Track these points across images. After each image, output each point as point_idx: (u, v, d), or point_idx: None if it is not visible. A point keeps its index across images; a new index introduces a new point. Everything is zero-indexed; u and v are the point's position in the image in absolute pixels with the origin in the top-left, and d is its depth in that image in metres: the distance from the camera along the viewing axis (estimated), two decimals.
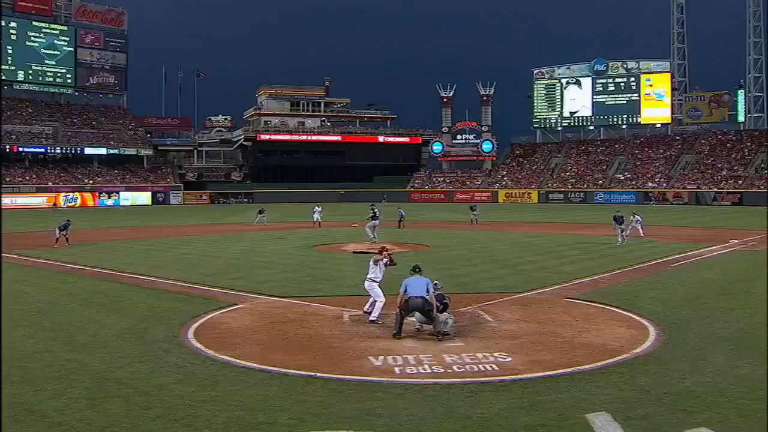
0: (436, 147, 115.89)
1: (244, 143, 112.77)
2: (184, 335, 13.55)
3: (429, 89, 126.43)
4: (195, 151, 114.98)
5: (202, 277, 21.77)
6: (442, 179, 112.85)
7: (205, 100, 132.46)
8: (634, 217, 36.46)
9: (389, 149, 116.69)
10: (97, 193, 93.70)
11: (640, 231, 36.23)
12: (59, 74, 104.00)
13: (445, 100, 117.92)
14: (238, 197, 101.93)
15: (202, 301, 17.47)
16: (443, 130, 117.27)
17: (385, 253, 16.09)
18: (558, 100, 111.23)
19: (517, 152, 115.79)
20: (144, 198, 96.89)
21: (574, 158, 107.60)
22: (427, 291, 13.45)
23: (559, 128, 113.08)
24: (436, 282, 14.26)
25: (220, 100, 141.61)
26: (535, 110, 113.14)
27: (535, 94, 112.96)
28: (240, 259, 27.13)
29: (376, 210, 37.56)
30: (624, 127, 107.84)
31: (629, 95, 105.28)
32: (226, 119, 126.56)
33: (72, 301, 17.62)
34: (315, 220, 47.76)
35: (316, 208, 49.74)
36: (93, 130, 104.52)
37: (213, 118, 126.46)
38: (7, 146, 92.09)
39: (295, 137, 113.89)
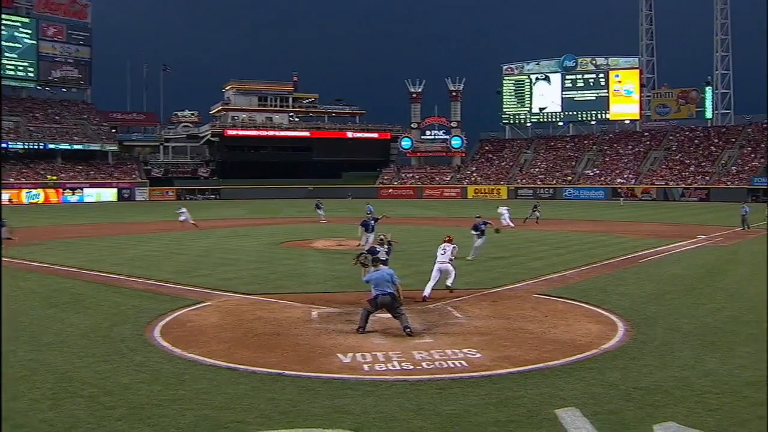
0: (405, 143, 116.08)
1: (211, 139, 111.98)
2: (150, 334, 13.42)
3: (398, 85, 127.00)
4: (161, 146, 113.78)
5: (168, 274, 21.60)
6: (410, 175, 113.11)
7: (171, 95, 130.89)
8: (500, 210, 41.61)
9: (358, 145, 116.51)
10: (60, 190, 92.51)
11: (509, 223, 40.54)
12: (21, 67, 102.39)
13: (414, 95, 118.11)
14: (205, 193, 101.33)
15: (168, 299, 17.33)
16: (412, 125, 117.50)
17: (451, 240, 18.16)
18: (527, 96, 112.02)
19: (487, 148, 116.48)
20: (109, 194, 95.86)
21: (543, 154, 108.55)
22: (393, 284, 13.55)
23: (528, 124, 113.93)
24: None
25: (187, 95, 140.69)
26: (504, 106, 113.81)
27: (504, 90, 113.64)
28: (206, 256, 26.94)
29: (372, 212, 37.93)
30: (593, 123, 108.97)
31: (598, 91, 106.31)
32: (192, 114, 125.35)
33: (34, 300, 17.35)
34: (320, 216, 48.80)
35: (320, 205, 50.56)
36: (56, 125, 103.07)
37: (179, 114, 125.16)
38: None
39: (263, 133, 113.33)
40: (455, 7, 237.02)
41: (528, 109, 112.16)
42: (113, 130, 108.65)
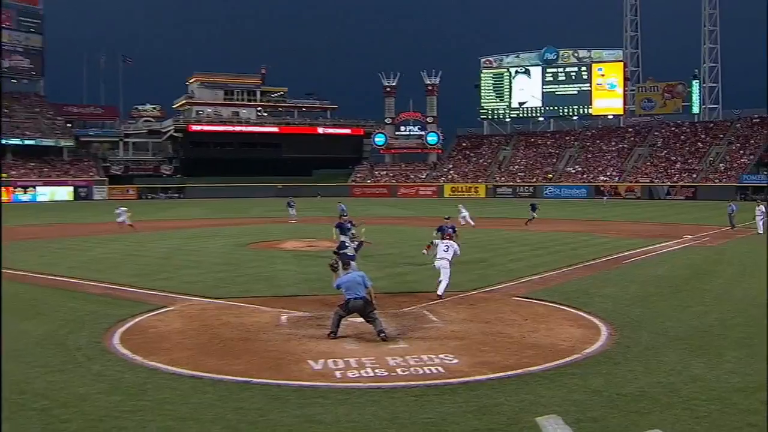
0: (379, 139, 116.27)
1: (175, 134, 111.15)
2: (109, 341, 13.30)
3: (371, 78, 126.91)
4: (121, 142, 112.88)
5: (128, 278, 21.42)
6: (384, 173, 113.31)
7: (131, 88, 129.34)
8: (459, 207, 42.75)
9: (329, 141, 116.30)
10: (11, 188, 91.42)
11: (469, 221, 41.61)
12: None
13: (388, 89, 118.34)
14: (168, 192, 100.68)
15: (128, 303, 17.17)
16: (386, 121, 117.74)
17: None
18: (506, 90, 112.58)
19: (464, 144, 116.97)
20: (64, 193, 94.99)
21: (522, 151, 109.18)
22: (365, 287, 13.57)
23: (508, 119, 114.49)
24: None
25: (148, 88, 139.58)
26: (482, 101, 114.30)
27: (482, 84, 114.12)
28: (168, 259, 26.77)
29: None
30: (575, 118, 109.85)
31: (580, 85, 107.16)
32: (154, 108, 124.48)
33: None
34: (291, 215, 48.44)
35: (292, 203, 49.95)
36: (5, 118, 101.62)
37: (140, 108, 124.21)
38: None
39: (229, 128, 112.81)
40: None
41: (507, 103, 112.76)
42: (69, 125, 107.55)
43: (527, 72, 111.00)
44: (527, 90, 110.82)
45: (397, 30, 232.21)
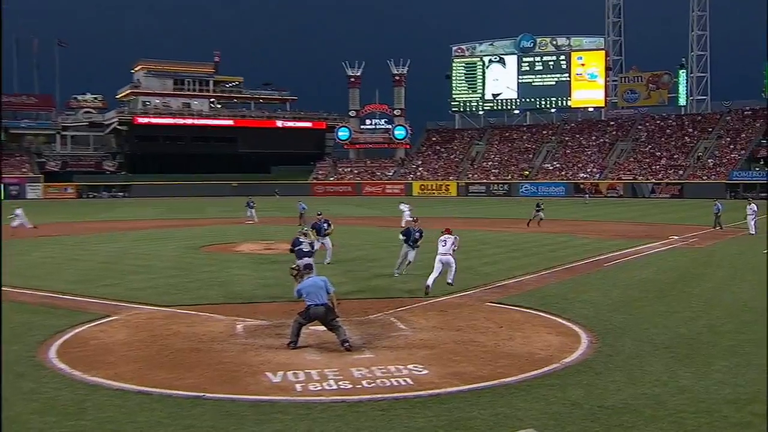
0: (343, 133, 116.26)
1: (119, 127, 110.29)
2: (45, 354, 13.14)
3: (334, 67, 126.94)
4: (58, 135, 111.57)
5: (67, 284, 21.19)
6: (348, 169, 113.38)
7: (69, 75, 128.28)
8: (402, 207, 43.25)
9: (289, 135, 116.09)
10: None
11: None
12: None
13: (352, 79, 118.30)
14: (111, 190, 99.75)
15: (66, 313, 16.97)
16: (350, 113, 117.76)
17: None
18: (479, 80, 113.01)
19: (434, 139, 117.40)
20: None
21: (497, 146, 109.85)
22: (327, 293, 13.57)
23: (481, 112, 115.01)
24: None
25: (88, 76, 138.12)
26: (453, 92, 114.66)
27: (454, 74, 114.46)
28: (113, 263, 26.50)
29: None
30: (553, 111, 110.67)
31: (559, 75, 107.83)
32: (96, 99, 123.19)
33: None
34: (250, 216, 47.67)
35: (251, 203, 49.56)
36: None
37: (80, 98, 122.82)
38: None
39: (180, 121, 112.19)
40: None
41: (480, 95, 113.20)
42: None
43: (502, 61, 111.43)
44: (502, 80, 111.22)
45: (362, 15, 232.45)
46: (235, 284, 21.29)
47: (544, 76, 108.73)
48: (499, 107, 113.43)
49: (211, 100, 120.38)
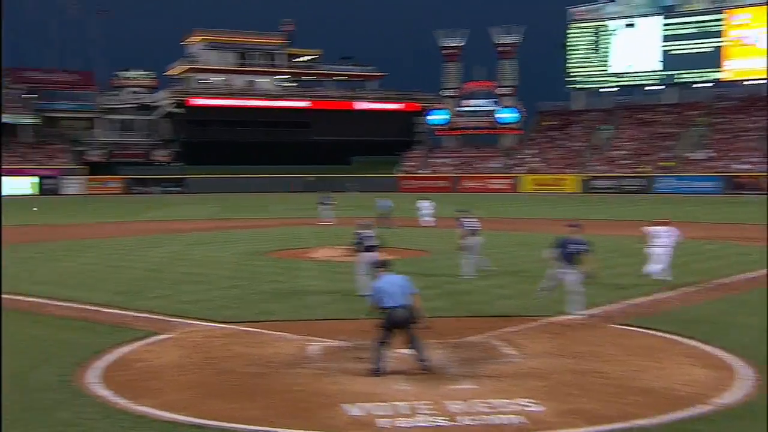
0: (436, 117, 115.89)
1: (172, 110, 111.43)
2: (84, 379, 13.39)
3: (427, 38, 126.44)
4: (100, 119, 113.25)
5: (110, 296, 21.67)
6: (443, 160, 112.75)
7: (113, 48, 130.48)
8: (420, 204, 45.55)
9: (372, 120, 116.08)
10: None
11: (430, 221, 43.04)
12: None
13: (449, 52, 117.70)
14: (163, 185, 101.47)
15: (108, 329, 17.36)
16: (446, 93, 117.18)
17: None
18: (605, 50, 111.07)
19: (549, 124, 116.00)
20: (26, 185, 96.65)
21: (628, 131, 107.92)
22: (409, 293, 13.45)
23: (608, 90, 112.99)
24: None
25: (136, 49, 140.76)
26: (571, 65, 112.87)
27: (571, 43, 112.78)
28: (163, 271, 27.04)
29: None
30: (702, 86, 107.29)
31: (710, 41, 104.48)
32: (145, 75, 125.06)
33: None
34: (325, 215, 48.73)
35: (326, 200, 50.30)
36: None
37: (126, 74, 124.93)
38: None
39: (243, 102, 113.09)
40: None
41: (607, 68, 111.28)
42: (32, 96, 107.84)
43: (634, 25, 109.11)
44: (635, 49, 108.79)
45: None
46: (307, 297, 21.44)
47: (690, 41, 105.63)
48: (632, 83, 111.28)
49: (282, 77, 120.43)
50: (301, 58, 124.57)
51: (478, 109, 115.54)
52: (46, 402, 12.13)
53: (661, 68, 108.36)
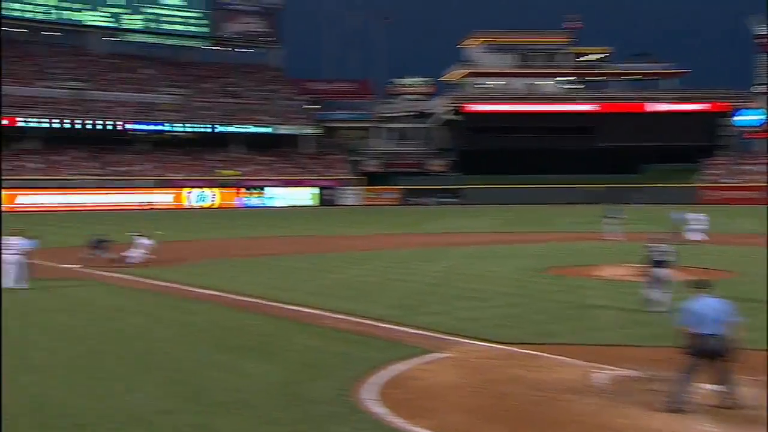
0: (748, 117, 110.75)
1: (448, 117, 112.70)
2: (359, 394, 13.74)
3: (736, 26, 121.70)
4: (376, 128, 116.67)
5: (386, 309, 22.26)
6: (754, 168, 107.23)
7: (389, 55, 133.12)
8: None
9: (667, 123, 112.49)
10: (238, 189, 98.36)
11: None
12: (187, 20, 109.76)
13: (763, 41, 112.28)
14: (438, 195, 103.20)
15: (384, 345, 17.81)
16: (759, 89, 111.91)
17: None
18: None
19: None
20: (304, 196, 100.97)
21: None
22: (728, 322, 12.65)
23: None
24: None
25: (412, 54, 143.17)
26: None
27: None
28: (440, 286, 27.49)
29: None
30: None
31: None
32: (422, 82, 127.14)
33: (203, 341, 18.51)
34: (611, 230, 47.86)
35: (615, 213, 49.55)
36: (233, 99, 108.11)
37: (402, 82, 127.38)
38: (113, 123, 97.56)
39: (524, 107, 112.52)
40: None
41: None
42: (313, 107, 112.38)
43: None
44: None
45: None
46: (592, 319, 21.18)
47: None
48: None
49: (567, 78, 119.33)
50: (587, 57, 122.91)
51: None
52: (322, 415, 12.59)
53: None
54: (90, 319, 21.52)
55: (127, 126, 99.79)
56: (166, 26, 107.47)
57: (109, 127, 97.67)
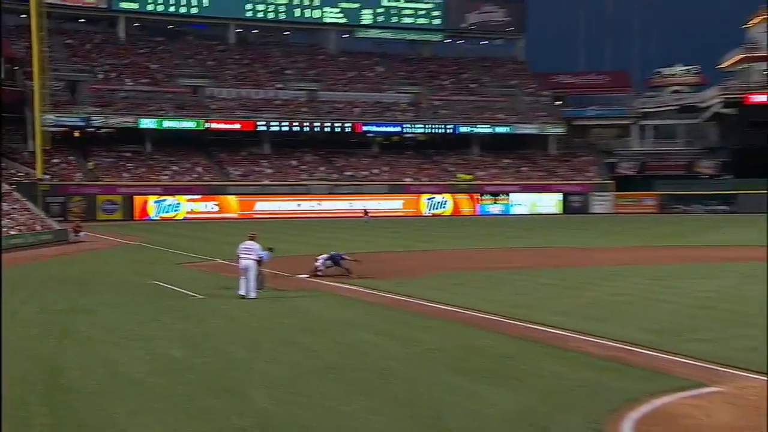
0: None
1: (722, 111, 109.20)
2: (616, 430, 13.43)
3: None
4: (634, 126, 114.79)
5: (644, 333, 21.65)
6: None
7: (649, 42, 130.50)
8: None
9: None
10: (476, 196, 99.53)
11: None
12: (419, 11, 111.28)
13: None
14: (707, 202, 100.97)
15: (643, 374, 17.27)
16: None
17: None
18: None
19: None
20: (549, 202, 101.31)
21: None
22: None
23: None
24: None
25: (677, 40, 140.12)
26: None
27: None
28: (710, 308, 26.55)
29: None
30: None
31: None
32: (688, 71, 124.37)
33: (436, 362, 18.48)
34: None
35: None
36: (471, 97, 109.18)
37: (665, 72, 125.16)
38: (349, 125, 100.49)
39: None
40: None
41: None
42: (557, 103, 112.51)
43: None
44: None
45: None
46: None
47: None
48: None
49: None
50: None
51: None
52: None
53: None
54: (315, 332, 22.27)
55: (364, 128, 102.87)
56: (404, 20, 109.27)
57: (347, 129, 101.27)
